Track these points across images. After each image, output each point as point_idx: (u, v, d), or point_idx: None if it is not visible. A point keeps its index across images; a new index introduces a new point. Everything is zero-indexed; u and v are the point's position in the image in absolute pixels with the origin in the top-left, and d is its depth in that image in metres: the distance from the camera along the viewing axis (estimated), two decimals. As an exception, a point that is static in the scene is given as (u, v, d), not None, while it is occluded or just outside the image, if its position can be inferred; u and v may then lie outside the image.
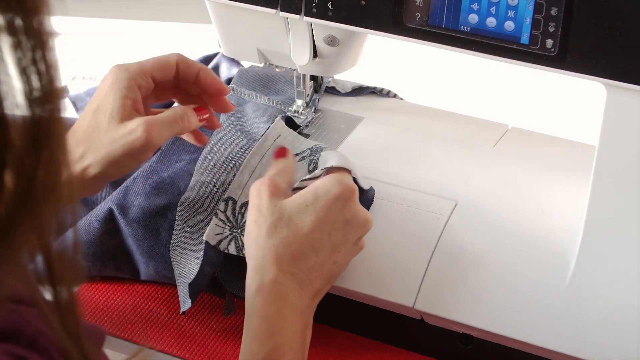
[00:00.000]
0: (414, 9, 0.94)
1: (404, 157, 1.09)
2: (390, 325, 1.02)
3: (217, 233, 1.00)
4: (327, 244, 0.91)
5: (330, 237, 0.92)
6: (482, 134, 1.14)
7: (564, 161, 1.09)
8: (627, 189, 0.93)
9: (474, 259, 0.98)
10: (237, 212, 1.01)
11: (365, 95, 1.22)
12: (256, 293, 0.88)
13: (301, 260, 0.90)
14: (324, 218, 0.92)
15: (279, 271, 0.89)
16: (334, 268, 0.92)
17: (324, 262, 0.91)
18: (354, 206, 0.93)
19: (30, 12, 0.54)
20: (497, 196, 1.04)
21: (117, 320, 1.03)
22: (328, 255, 0.91)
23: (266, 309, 0.87)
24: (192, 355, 1.00)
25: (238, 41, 1.13)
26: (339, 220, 0.92)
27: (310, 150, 1.05)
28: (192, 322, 1.03)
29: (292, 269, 0.90)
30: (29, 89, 0.54)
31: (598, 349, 0.93)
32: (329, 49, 1.07)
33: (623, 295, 0.94)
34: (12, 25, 0.53)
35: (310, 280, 0.90)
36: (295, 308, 0.88)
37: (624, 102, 0.89)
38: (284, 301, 0.88)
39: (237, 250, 0.99)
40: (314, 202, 0.92)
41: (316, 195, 0.93)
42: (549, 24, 0.89)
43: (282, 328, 0.87)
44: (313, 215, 0.91)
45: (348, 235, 0.93)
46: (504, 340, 0.96)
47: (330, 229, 0.92)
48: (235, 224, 1.00)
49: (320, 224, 0.91)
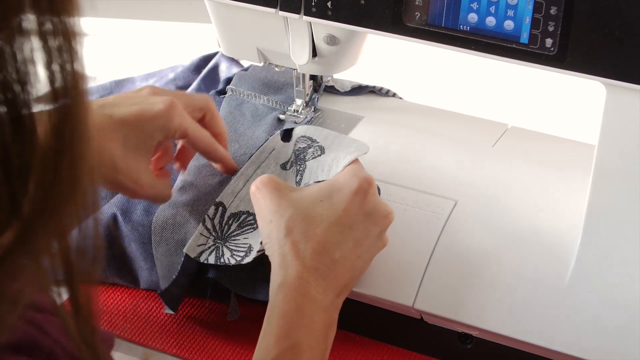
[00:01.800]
0: (413, 9, 0.94)
1: (404, 157, 1.09)
2: (389, 325, 1.02)
3: (200, 244, 0.99)
4: (349, 237, 0.90)
5: (352, 231, 0.91)
6: (482, 134, 1.14)
7: (563, 160, 1.09)
8: (626, 188, 0.93)
9: (473, 259, 0.98)
10: (224, 222, 1.00)
11: (364, 95, 1.22)
12: (278, 290, 0.87)
13: (324, 255, 0.89)
14: (343, 212, 0.91)
15: (301, 266, 0.88)
16: (358, 263, 0.91)
17: (348, 256, 0.90)
18: (373, 199, 0.92)
19: (61, 13, 0.54)
20: (497, 195, 1.04)
21: (117, 320, 1.03)
22: (351, 249, 0.90)
23: (286, 305, 0.86)
24: (192, 355, 1.00)
25: (237, 40, 1.13)
26: (359, 213, 0.91)
27: (295, 156, 1.05)
28: (193, 322, 1.03)
29: (315, 264, 0.88)
30: (56, 90, 0.54)
31: (598, 348, 0.93)
32: (329, 49, 1.07)
33: (623, 294, 0.94)
34: (42, 26, 0.54)
35: (335, 275, 0.89)
36: (318, 304, 0.87)
37: (624, 102, 0.89)
38: (306, 297, 0.86)
39: (215, 259, 0.98)
40: (330, 196, 0.91)
41: (331, 190, 0.92)
42: (549, 23, 0.89)
43: (301, 325, 0.85)
44: (331, 209, 0.91)
45: (370, 229, 0.92)
46: (504, 339, 0.96)
47: (351, 222, 0.91)
48: (220, 235, 1.00)
49: (339, 218, 0.90)
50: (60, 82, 0.54)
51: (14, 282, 0.55)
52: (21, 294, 0.56)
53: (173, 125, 0.96)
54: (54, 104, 0.54)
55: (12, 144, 0.53)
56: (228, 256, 0.98)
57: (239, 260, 0.97)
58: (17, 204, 0.54)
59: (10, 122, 0.53)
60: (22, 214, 0.54)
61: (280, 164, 1.06)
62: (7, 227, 0.54)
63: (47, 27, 0.54)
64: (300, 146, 1.04)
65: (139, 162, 0.95)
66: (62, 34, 0.54)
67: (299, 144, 1.05)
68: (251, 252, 0.97)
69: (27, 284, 0.56)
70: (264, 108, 1.17)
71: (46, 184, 0.54)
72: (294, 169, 1.03)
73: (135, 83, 1.31)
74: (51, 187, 0.55)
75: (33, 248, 0.55)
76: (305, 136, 1.06)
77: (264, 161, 1.06)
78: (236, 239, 0.99)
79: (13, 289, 0.55)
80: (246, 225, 1.00)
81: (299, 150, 1.04)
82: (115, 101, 0.96)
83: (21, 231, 0.54)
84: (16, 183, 0.54)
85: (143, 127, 0.95)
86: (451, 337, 0.99)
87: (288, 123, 1.15)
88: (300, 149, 1.04)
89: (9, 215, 0.54)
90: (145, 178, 0.95)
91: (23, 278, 0.56)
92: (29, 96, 0.53)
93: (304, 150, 1.03)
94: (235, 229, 1.00)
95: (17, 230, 0.54)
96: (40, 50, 0.54)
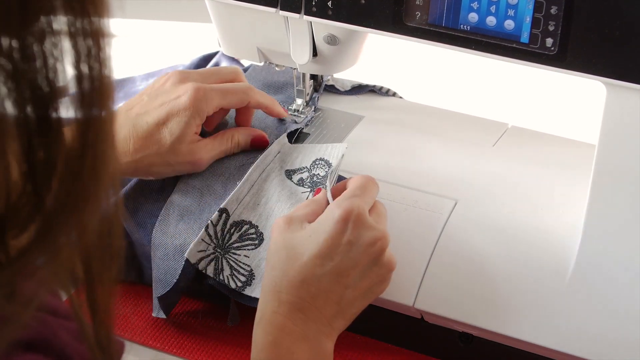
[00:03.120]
0: (413, 8, 0.94)
1: (404, 156, 1.09)
2: (390, 324, 1.02)
3: (200, 250, 0.99)
4: (329, 268, 0.89)
5: (333, 262, 0.89)
6: (482, 133, 1.14)
7: (564, 160, 1.09)
8: (627, 188, 0.93)
9: (474, 258, 0.98)
10: (226, 230, 1.00)
11: (365, 94, 1.22)
12: (257, 325, 0.89)
13: (301, 288, 0.88)
14: (324, 242, 0.89)
15: (276, 302, 0.88)
16: (347, 293, 0.90)
17: (331, 288, 0.89)
18: (359, 227, 0.90)
19: (91, 14, 0.55)
20: (497, 195, 1.04)
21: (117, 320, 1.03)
22: (334, 279, 0.89)
23: (264, 339, 0.87)
24: (192, 355, 1.00)
25: (238, 40, 1.13)
26: (341, 243, 0.89)
27: (310, 179, 1.04)
28: (193, 321, 1.03)
29: (291, 298, 0.88)
30: (83, 92, 0.55)
31: (597, 347, 0.93)
32: (329, 48, 1.07)
33: (622, 293, 0.94)
34: (72, 27, 0.54)
35: (317, 306, 0.88)
36: (296, 336, 0.87)
37: (624, 101, 0.89)
38: (282, 331, 0.87)
39: (214, 272, 0.98)
40: (315, 230, 0.91)
41: (318, 224, 0.91)
42: (549, 23, 0.89)
43: (280, 356, 0.86)
44: (314, 243, 0.90)
45: (357, 258, 0.90)
46: (504, 339, 0.96)
47: (332, 253, 0.89)
48: (221, 244, 1.00)
49: (320, 250, 0.89)
50: (88, 83, 0.55)
51: (30, 280, 0.55)
52: (37, 293, 0.56)
53: (203, 111, 1.03)
54: (81, 105, 0.55)
55: (38, 143, 0.54)
56: (227, 274, 0.98)
57: (240, 287, 0.98)
58: (41, 200, 0.55)
59: (37, 120, 0.54)
60: (44, 210, 0.55)
61: (286, 169, 1.06)
62: (30, 222, 0.55)
63: (77, 28, 0.54)
64: (319, 173, 1.04)
65: (192, 146, 1.03)
66: (92, 35, 0.55)
67: (316, 170, 1.05)
68: (252, 281, 0.98)
69: (44, 282, 0.56)
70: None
71: (69, 182, 0.55)
72: (305, 191, 1.03)
73: (136, 82, 1.31)
74: (74, 185, 0.55)
75: (52, 245, 0.56)
76: (323, 159, 1.05)
77: (269, 164, 1.06)
78: (236, 253, 1.00)
79: (29, 287, 0.55)
80: (247, 239, 1.00)
81: (317, 177, 1.04)
82: (145, 108, 1.03)
83: (42, 227, 0.55)
84: (40, 180, 0.55)
85: (178, 121, 1.02)
86: (452, 337, 0.99)
87: (289, 122, 1.15)
88: (318, 175, 1.04)
89: (33, 211, 0.55)
90: (201, 154, 1.05)
91: (40, 276, 0.56)
92: (57, 96, 0.54)
93: (322, 179, 1.03)
94: (236, 240, 1.00)
95: (38, 226, 0.55)
96: (69, 51, 0.54)
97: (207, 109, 1.03)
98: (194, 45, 1.47)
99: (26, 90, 0.53)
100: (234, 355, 1.00)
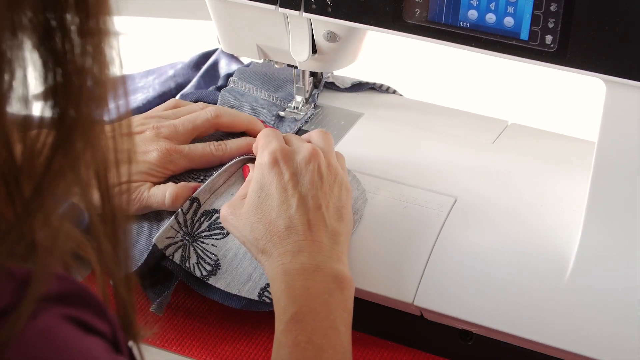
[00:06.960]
0: (413, 5, 0.94)
1: (403, 153, 1.09)
2: (389, 322, 1.02)
3: (169, 236, 0.99)
4: (295, 205, 0.93)
5: (294, 198, 0.93)
6: (482, 130, 1.14)
7: (563, 157, 1.09)
8: (626, 185, 0.93)
9: (473, 255, 0.98)
10: (196, 219, 1.01)
11: (364, 91, 1.22)
12: (272, 288, 0.91)
13: (289, 234, 0.92)
14: (276, 191, 0.94)
15: (278, 259, 0.92)
16: (326, 211, 0.94)
17: (310, 217, 0.93)
18: (289, 159, 0.95)
19: (92, 12, 0.56)
20: (497, 192, 1.04)
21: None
22: (305, 209, 0.93)
23: (279, 289, 0.90)
24: (192, 353, 1.00)
25: (237, 37, 1.13)
26: (287, 180, 0.94)
27: None
28: (193, 320, 1.03)
29: (287, 248, 0.92)
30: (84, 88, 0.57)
31: (597, 345, 0.93)
32: (329, 45, 1.07)
33: (622, 291, 0.94)
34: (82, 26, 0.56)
35: (313, 239, 0.92)
36: (309, 272, 0.90)
37: (624, 98, 0.89)
38: (292, 275, 0.90)
39: (181, 260, 0.99)
40: (260, 189, 0.95)
41: (256, 184, 0.95)
42: (549, 20, 0.89)
43: (296, 296, 0.88)
44: (268, 198, 0.94)
45: (308, 181, 0.94)
46: (504, 336, 0.96)
47: (287, 193, 0.94)
48: (190, 232, 1.00)
49: (278, 198, 0.94)
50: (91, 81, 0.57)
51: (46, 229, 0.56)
52: (55, 242, 0.57)
53: (169, 170, 1.03)
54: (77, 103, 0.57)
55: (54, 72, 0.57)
56: (194, 262, 0.99)
57: (204, 276, 0.98)
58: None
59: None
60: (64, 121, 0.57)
61: None
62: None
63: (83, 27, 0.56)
64: None
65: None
66: (93, 35, 0.57)
67: None
68: (218, 271, 0.98)
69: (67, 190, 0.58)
70: (264, 102, 1.17)
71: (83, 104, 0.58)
72: None
73: (135, 80, 1.31)
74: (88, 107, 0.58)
75: (71, 152, 0.57)
76: None
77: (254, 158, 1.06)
78: (204, 242, 1.00)
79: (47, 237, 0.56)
80: (216, 229, 1.01)
81: None
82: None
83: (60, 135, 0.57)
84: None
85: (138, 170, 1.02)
86: (451, 334, 0.99)
87: (288, 120, 1.15)
88: None
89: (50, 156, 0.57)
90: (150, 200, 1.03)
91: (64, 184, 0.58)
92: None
93: None
94: (206, 228, 1.01)
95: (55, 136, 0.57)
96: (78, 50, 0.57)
97: (176, 169, 1.04)
98: (194, 42, 1.46)
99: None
100: (233, 354, 1.00)
